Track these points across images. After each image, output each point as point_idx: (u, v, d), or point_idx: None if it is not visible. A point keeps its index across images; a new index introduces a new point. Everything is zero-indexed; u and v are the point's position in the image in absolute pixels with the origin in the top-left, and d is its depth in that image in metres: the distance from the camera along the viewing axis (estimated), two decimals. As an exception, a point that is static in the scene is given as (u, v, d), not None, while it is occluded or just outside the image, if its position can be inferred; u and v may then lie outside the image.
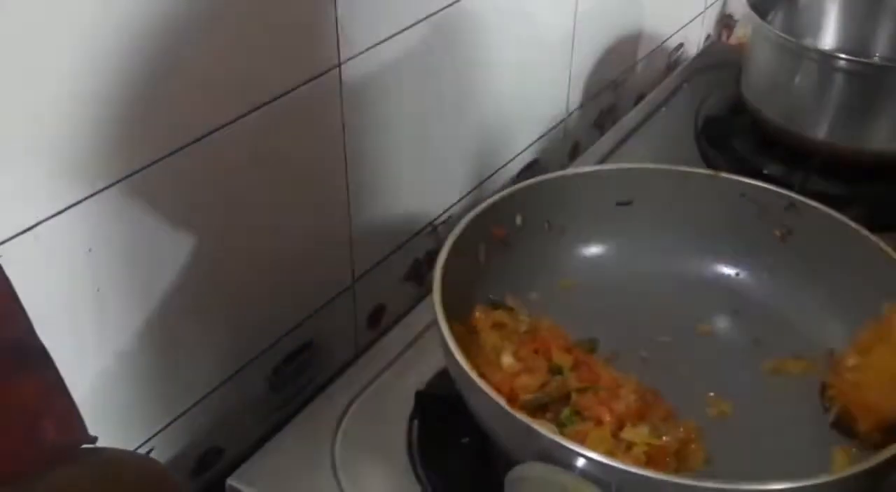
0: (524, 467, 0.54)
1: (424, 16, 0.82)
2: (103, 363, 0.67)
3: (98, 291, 0.64)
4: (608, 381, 0.66)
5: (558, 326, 0.72)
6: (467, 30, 0.89)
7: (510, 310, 0.74)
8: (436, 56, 0.87)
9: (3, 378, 0.52)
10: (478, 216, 0.71)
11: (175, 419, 0.76)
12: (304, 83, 0.73)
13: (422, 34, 0.83)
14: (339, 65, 0.76)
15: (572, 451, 0.54)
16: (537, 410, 0.64)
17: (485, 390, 0.56)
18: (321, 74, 0.74)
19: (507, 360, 0.66)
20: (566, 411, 0.63)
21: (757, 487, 0.53)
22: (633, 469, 0.54)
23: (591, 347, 0.72)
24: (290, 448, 0.67)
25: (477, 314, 0.71)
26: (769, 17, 0.97)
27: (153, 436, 0.74)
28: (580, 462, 0.54)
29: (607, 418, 0.63)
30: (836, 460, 0.64)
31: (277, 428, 0.82)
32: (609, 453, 0.59)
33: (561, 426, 0.63)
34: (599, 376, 0.66)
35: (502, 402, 0.56)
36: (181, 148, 0.65)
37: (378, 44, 0.78)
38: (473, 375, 0.58)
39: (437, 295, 0.63)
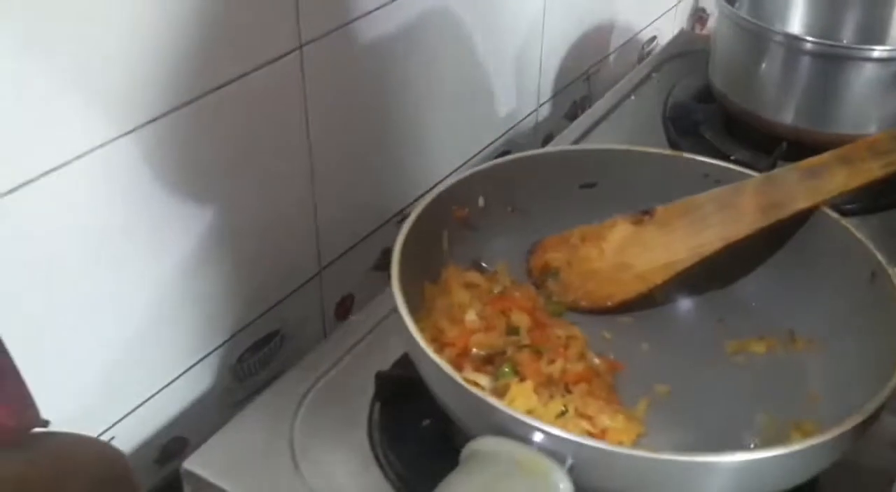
0: (478, 440, 0.53)
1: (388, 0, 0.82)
2: (59, 348, 0.66)
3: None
4: (555, 343, 0.66)
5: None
6: (435, 16, 0.88)
7: (493, 273, 0.75)
8: (402, 42, 0.86)
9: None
10: (439, 196, 0.71)
11: (136, 408, 0.75)
12: (262, 66, 0.72)
13: (388, 19, 0.83)
14: (301, 47, 0.75)
15: (525, 423, 0.53)
16: (482, 363, 0.65)
17: (431, 356, 0.56)
18: (280, 57, 0.73)
19: (469, 317, 0.67)
20: (504, 366, 0.63)
21: (713, 458, 0.53)
22: (588, 442, 0.53)
23: (559, 311, 0.73)
24: (249, 432, 0.66)
25: (449, 272, 0.71)
26: (736, 4, 0.97)
27: (113, 425, 0.73)
28: (535, 435, 0.53)
29: (535, 376, 0.64)
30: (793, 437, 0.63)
31: (243, 418, 0.82)
32: (530, 412, 0.60)
33: (496, 380, 0.64)
34: (549, 339, 0.67)
35: (449, 369, 0.55)
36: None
37: (341, 26, 0.78)
38: (419, 338, 0.57)
39: (395, 265, 0.63)
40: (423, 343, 0.57)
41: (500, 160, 0.74)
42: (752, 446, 0.63)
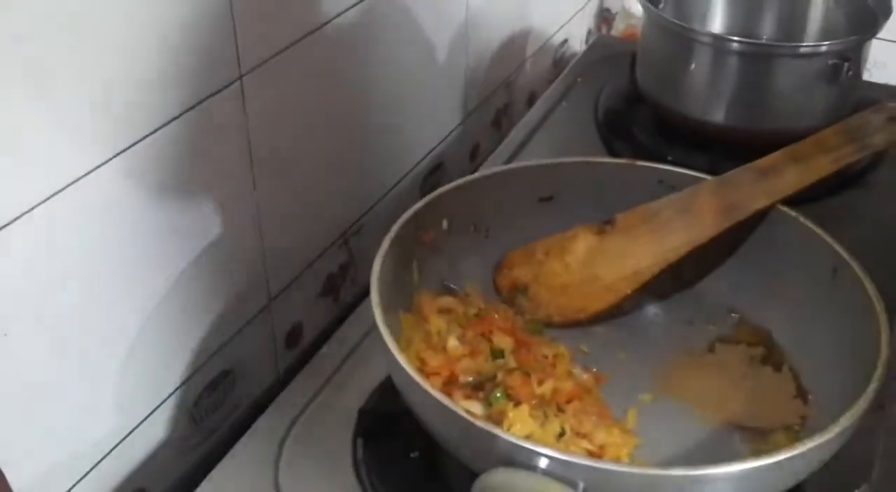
0: (490, 474, 0.52)
1: (324, 21, 0.81)
2: (22, 412, 0.63)
3: (6, 335, 0.60)
4: (542, 363, 0.67)
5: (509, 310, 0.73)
6: (365, 39, 0.87)
7: (465, 296, 0.74)
8: (336, 62, 0.85)
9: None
10: (406, 223, 0.69)
11: (97, 464, 0.71)
12: (203, 101, 0.70)
13: (321, 40, 0.81)
14: (241, 77, 0.73)
15: (535, 452, 0.52)
16: (472, 390, 0.64)
17: (429, 391, 0.54)
18: (221, 90, 0.71)
19: (451, 343, 0.67)
20: (495, 391, 0.63)
21: (722, 470, 0.53)
22: (598, 464, 0.53)
23: (538, 328, 0.72)
24: (233, 480, 0.64)
25: (423, 300, 0.70)
26: (660, 6, 0.98)
27: (76, 483, 0.70)
28: (543, 462, 0.52)
29: (528, 398, 0.63)
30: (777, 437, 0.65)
31: (202, 461, 0.79)
32: (530, 435, 0.59)
33: (488, 406, 0.63)
34: (535, 359, 0.67)
35: (449, 402, 0.54)
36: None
37: (279, 53, 0.76)
38: (414, 374, 0.56)
39: (374, 297, 0.61)
40: (418, 378, 0.56)
41: (461, 181, 0.74)
42: (742, 449, 0.64)
